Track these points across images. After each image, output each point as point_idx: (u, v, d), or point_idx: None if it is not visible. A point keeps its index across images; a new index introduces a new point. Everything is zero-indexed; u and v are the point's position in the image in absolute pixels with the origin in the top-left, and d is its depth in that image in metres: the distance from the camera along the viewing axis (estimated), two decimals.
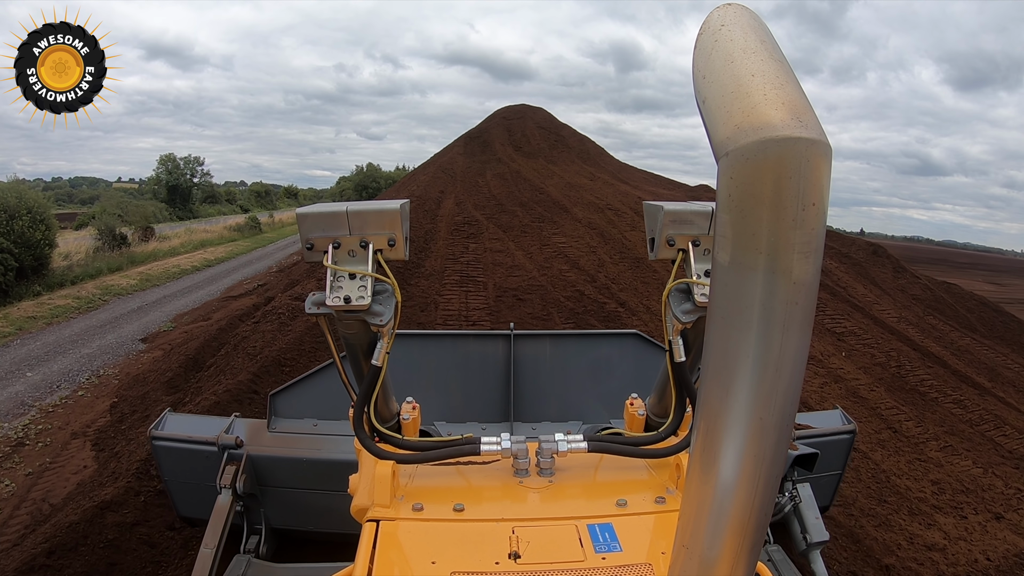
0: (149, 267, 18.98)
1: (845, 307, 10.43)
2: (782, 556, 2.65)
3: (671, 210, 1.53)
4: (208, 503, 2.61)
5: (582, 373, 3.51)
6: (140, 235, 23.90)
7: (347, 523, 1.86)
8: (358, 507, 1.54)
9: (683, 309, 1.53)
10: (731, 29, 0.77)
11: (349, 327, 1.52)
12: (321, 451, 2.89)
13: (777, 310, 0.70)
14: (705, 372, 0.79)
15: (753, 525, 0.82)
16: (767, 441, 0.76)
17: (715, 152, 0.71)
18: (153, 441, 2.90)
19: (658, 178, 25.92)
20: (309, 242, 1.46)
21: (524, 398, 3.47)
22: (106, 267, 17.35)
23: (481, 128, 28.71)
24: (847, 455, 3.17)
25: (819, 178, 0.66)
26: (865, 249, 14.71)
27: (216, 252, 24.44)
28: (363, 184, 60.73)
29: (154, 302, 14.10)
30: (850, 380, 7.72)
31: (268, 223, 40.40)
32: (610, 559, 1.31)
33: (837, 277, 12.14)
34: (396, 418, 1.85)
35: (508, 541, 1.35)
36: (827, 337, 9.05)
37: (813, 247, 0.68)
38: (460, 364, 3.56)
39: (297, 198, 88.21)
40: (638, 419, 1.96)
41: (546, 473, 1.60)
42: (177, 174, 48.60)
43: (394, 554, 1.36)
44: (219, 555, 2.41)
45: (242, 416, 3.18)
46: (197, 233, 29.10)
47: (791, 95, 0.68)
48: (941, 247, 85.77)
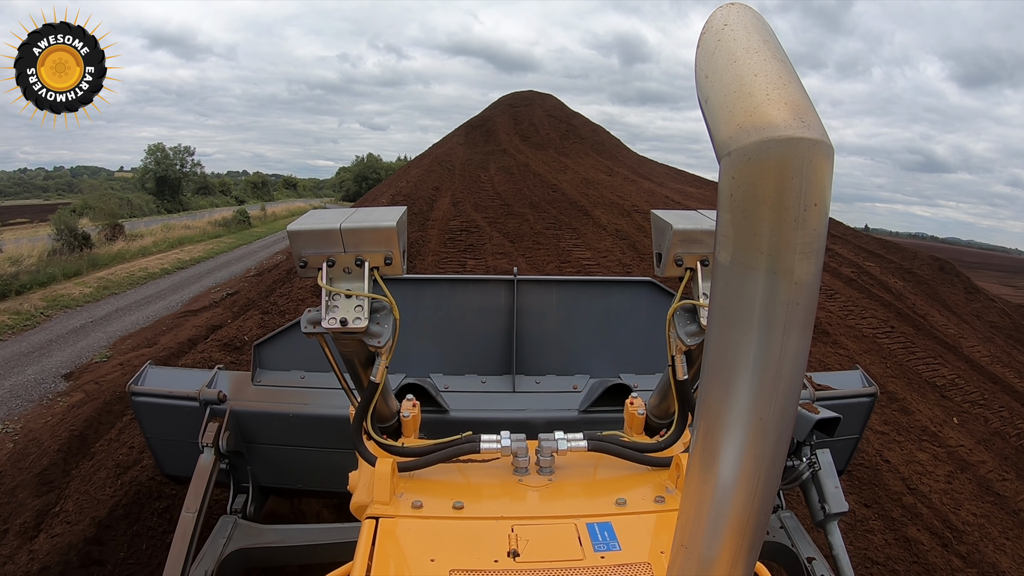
0: (112, 271, 16.69)
1: (933, 345, 8.91)
2: (795, 523, 2.56)
3: (680, 229, 1.51)
4: (193, 459, 2.49)
5: (591, 323, 3.32)
6: (107, 234, 21.23)
7: (337, 480, 1.84)
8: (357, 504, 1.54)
9: (688, 331, 1.52)
10: (734, 28, 0.77)
11: (346, 346, 1.50)
12: (309, 406, 2.74)
13: (778, 310, 0.70)
14: (705, 372, 0.79)
15: (752, 525, 0.82)
16: (767, 441, 0.77)
17: (717, 152, 0.71)
18: (132, 397, 2.77)
19: (682, 174, 23.44)
20: (302, 260, 1.41)
21: (527, 349, 3.27)
22: (61, 273, 15.00)
23: (484, 116, 25.84)
24: (866, 419, 3.05)
25: (821, 178, 0.66)
26: (931, 265, 13.10)
27: (194, 251, 22.06)
28: (363, 175, 60.48)
29: (102, 318, 11.81)
30: (975, 463, 6.16)
31: (259, 216, 37.76)
32: (609, 558, 1.31)
33: (911, 303, 10.54)
34: (396, 417, 1.85)
35: (507, 539, 1.35)
36: (930, 393, 7.54)
37: (815, 247, 0.68)
38: (459, 312, 3.34)
39: (296, 189, 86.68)
40: (637, 418, 1.96)
41: (546, 471, 1.60)
42: (166, 164, 46.41)
43: (393, 551, 1.36)
44: (201, 519, 2.31)
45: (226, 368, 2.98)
46: (176, 230, 26.41)
47: (794, 95, 0.68)
48: (945, 244, 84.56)
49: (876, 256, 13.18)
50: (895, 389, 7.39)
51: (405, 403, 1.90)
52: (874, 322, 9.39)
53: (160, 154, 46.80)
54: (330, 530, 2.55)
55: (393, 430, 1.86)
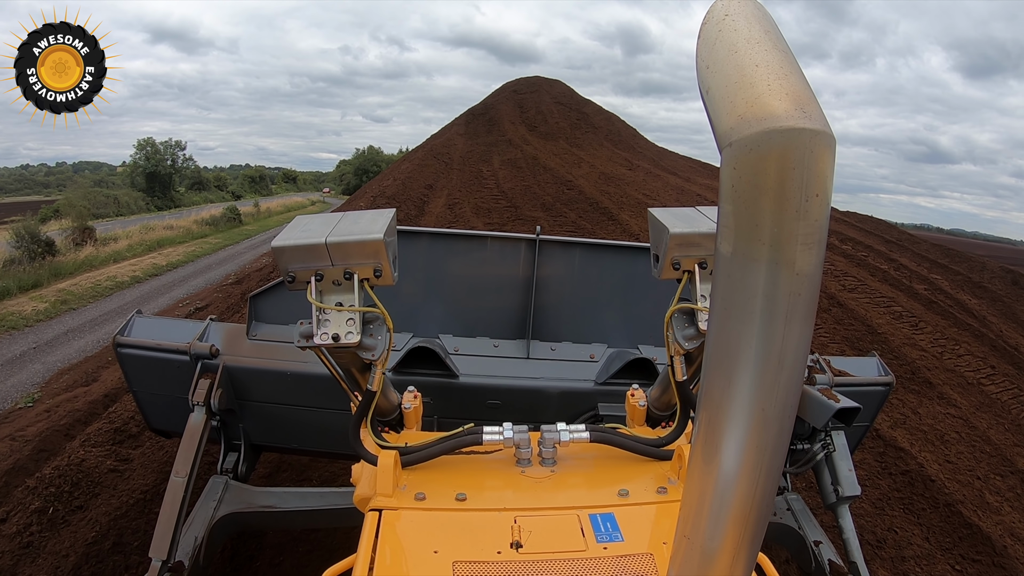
0: (76, 280, 15.02)
1: None
2: (802, 506, 2.54)
3: (677, 233, 1.50)
4: (182, 414, 2.39)
5: (613, 290, 3.18)
6: (75, 238, 19.30)
7: (334, 440, 1.79)
8: (361, 496, 1.55)
9: (686, 335, 1.52)
10: (735, 19, 0.77)
11: (341, 358, 1.49)
12: (307, 363, 2.57)
13: (780, 301, 0.70)
14: (708, 363, 0.79)
15: (755, 516, 0.83)
16: (769, 432, 0.77)
17: (718, 142, 0.71)
18: (118, 349, 2.61)
19: (706, 167, 21.33)
20: (290, 275, 1.38)
21: (545, 313, 3.12)
22: (16, 286, 13.30)
23: (487, 104, 23.98)
24: (880, 407, 3.00)
25: (823, 169, 0.66)
26: (1002, 279, 11.51)
27: (172, 254, 20.28)
28: (363, 168, 59.93)
29: (48, 342, 10.21)
30: None
31: (252, 213, 35.66)
32: (612, 549, 1.32)
33: (991, 324, 9.09)
34: (397, 410, 1.86)
35: (510, 531, 1.36)
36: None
37: (816, 238, 0.68)
38: (475, 270, 3.17)
39: (296, 182, 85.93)
40: (639, 410, 1.96)
41: (548, 463, 1.61)
42: (156, 160, 44.59)
43: (396, 544, 1.37)
44: (191, 483, 2.24)
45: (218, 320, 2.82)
46: (156, 231, 24.23)
47: (795, 86, 0.68)
48: (951, 236, 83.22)
49: (940, 267, 11.83)
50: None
51: (407, 395, 1.91)
52: (972, 361, 7.96)
53: (150, 149, 45.16)
54: (326, 494, 2.52)
55: (395, 422, 1.87)
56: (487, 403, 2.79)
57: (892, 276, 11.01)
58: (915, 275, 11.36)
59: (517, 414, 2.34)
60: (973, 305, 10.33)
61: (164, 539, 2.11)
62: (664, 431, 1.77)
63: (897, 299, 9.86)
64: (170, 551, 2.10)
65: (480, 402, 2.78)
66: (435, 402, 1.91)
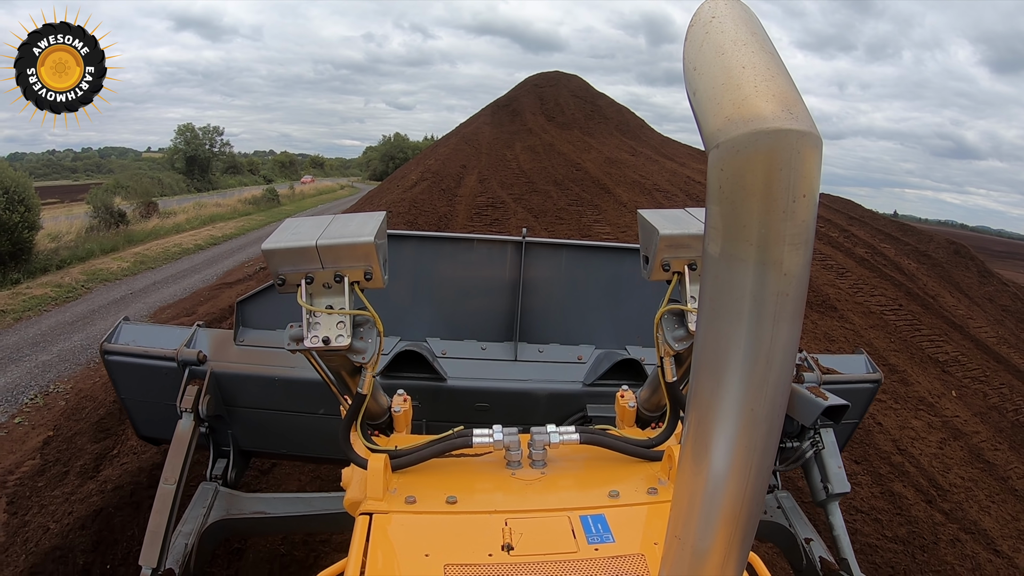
0: (148, 246, 17.43)
1: (940, 324, 9.08)
2: (792, 504, 2.55)
3: (667, 235, 1.50)
4: (171, 421, 2.37)
5: (600, 292, 3.19)
6: (141, 211, 22.11)
7: (322, 446, 1.77)
8: (351, 500, 1.54)
9: (676, 336, 1.53)
10: (722, 21, 0.77)
11: (331, 360, 1.49)
12: (296, 368, 2.56)
13: (768, 301, 0.70)
14: (696, 364, 0.79)
15: (745, 515, 0.83)
16: (758, 432, 0.77)
17: (706, 144, 0.71)
18: (105, 356, 2.60)
19: (704, 154, 24.03)
20: (280, 277, 1.39)
21: (532, 315, 3.12)
22: (99, 248, 15.78)
23: (511, 96, 26.32)
24: (868, 404, 3.03)
25: (809, 170, 0.66)
26: (946, 248, 13.09)
27: (225, 228, 22.76)
28: (390, 154, 60.77)
29: (141, 290, 12.52)
30: (970, 434, 6.41)
31: (288, 195, 38.57)
32: (603, 550, 1.32)
33: (923, 283, 10.69)
34: (387, 413, 1.85)
35: (501, 533, 1.35)
36: (931, 368, 7.82)
37: (803, 238, 0.69)
38: (461, 272, 3.17)
39: (323, 168, 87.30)
40: (628, 411, 1.96)
41: (538, 465, 1.61)
42: (196, 144, 47.02)
43: (387, 547, 1.36)
44: (181, 490, 2.23)
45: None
46: (207, 207, 27.02)
47: (782, 87, 0.69)
48: (975, 233, 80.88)
49: (892, 238, 13.31)
50: (896, 362, 7.63)
51: (396, 398, 1.90)
52: (883, 300, 9.62)
53: (190, 134, 47.37)
54: (314, 499, 2.50)
55: (385, 426, 1.86)
56: (475, 406, 2.78)
57: (837, 241, 12.30)
58: (862, 243, 12.49)
59: (505, 417, 2.33)
60: (909, 267, 11.56)
61: (154, 547, 2.08)
62: (654, 432, 1.77)
63: (833, 256, 11.34)
64: (160, 559, 2.08)
65: (468, 405, 2.78)
66: (423, 405, 1.90)
